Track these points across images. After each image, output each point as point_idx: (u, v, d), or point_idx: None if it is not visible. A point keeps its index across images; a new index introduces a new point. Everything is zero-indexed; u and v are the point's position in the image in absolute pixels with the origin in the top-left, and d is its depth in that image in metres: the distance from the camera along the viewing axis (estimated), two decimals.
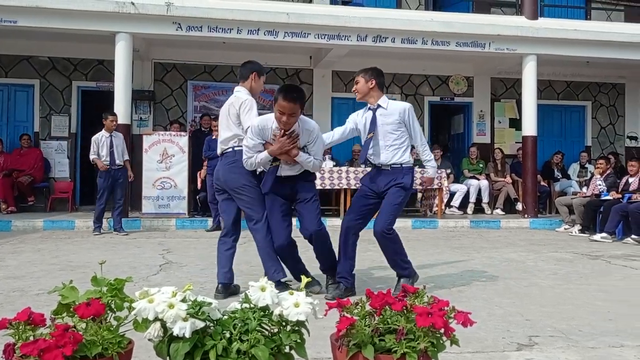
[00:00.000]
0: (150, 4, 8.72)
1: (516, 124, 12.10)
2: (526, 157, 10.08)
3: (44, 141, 10.71)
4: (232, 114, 4.07)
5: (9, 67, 10.67)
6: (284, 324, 1.79)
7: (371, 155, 4.08)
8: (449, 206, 10.58)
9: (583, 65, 11.86)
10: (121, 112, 8.47)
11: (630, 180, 8.45)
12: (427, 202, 10.10)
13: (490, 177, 11.15)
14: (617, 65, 11.64)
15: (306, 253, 4.18)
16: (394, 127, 4.02)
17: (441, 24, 9.69)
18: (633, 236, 7.54)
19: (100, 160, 7.74)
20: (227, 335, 1.73)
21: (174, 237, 7.55)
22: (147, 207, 8.85)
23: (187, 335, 1.69)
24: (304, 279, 2.05)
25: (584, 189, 9.60)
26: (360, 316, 1.82)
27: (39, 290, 4.02)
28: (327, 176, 9.05)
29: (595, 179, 8.96)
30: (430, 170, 4.29)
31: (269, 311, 1.82)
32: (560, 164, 11.73)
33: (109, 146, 7.75)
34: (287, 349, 1.79)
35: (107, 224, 7.85)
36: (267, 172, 3.94)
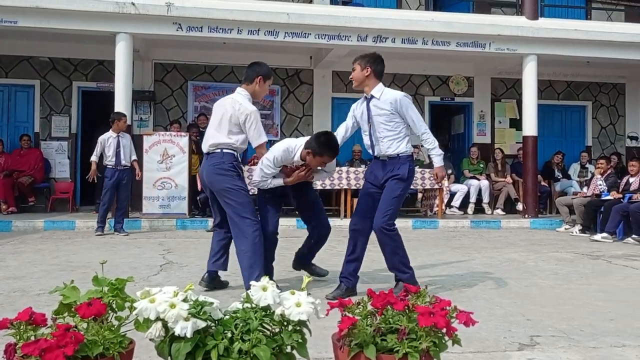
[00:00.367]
0: (151, 4, 8.73)
1: (516, 124, 12.09)
2: (526, 157, 10.08)
3: (45, 141, 10.72)
4: (233, 122, 3.91)
5: (9, 67, 10.68)
6: (285, 323, 1.79)
7: (370, 146, 3.98)
8: (449, 206, 10.58)
9: (583, 65, 11.87)
10: None
11: (631, 180, 8.45)
12: (428, 202, 10.09)
13: (490, 177, 11.14)
14: (617, 65, 11.64)
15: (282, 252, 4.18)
16: (387, 117, 3.85)
17: (441, 24, 9.69)
18: (634, 236, 7.54)
19: (95, 163, 7.75)
20: (229, 335, 1.73)
21: (174, 237, 7.55)
22: (147, 207, 8.85)
23: (189, 335, 1.69)
24: (305, 279, 2.05)
25: (585, 189, 9.60)
26: (362, 316, 1.82)
27: (40, 290, 4.01)
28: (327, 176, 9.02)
29: (595, 179, 8.96)
30: (435, 159, 4.00)
31: (271, 311, 1.81)
32: (561, 164, 11.73)
33: (116, 146, 7.75)
34: (288, 349, 1.78)
35: (107, 224, 7.85)
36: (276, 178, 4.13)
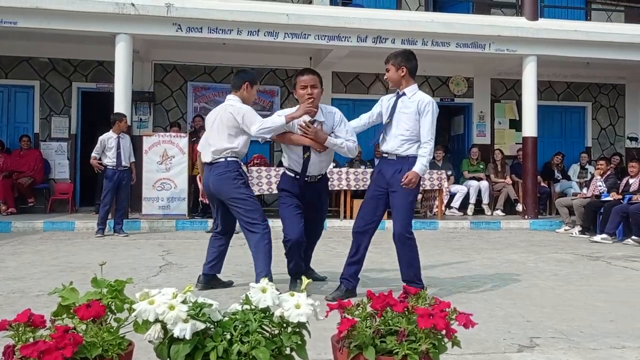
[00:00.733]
0: (150, 5, 8.72)
1: (516, 125, 12.08)
2: (526, 158, 10.08)
3: (44, 142, 10.70)
4: (232, 126, 4.00)
5: (9, 68, 10.67)
6: (284, 325, 1.79)
7: (382, 141, 3.97)
8: (449, 207, 10.57)
9: (583, 66, 11.87)
10: None
11: (631, 181, 8.45)
12: (427, 203, 10.09)
13: (490, 178, 11.14)
14: (617, 66, 11.65)
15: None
16: (410, 117, 3.85)
17: (441, 25, 9.69)
18: (633, 237, 7.54)
19: (96, 161, 7.74)
20: (228, 336, 1.73)
21: (174, 238, 7.54)
22: (147, 208, 8.84)
23: (188, 336, 1.69)
24: (304, 281, 2.04)
25: (584, 190, 9.60)
26: (361, 317, 1.82)
27: (39, 291, 4.01)
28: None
29: (595, 180, 8.96)
30: (418, 165, 3.77)
31: (270, 312, 1.81)
32: (561, 165, 11.72)
33: (117, 147, 7.74)
34: (287, 351, 1.78)
35: (107, 225, 7.84)
36: (304, 163, 3.98)
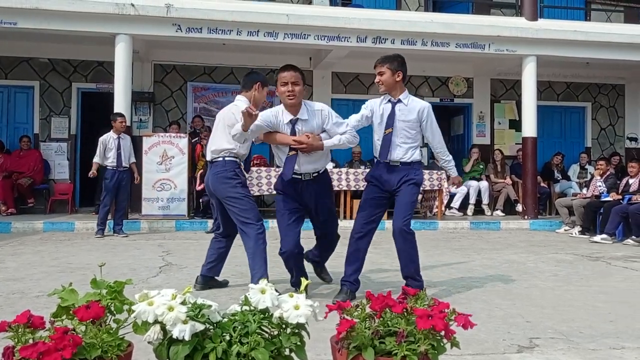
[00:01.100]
0: (150, 5, 8.73)
1: (516, 125, 12.09)
2: (526, 158, 10.08)
3: (44, 143, 10.71)
4: (232, 125, 3.94)
5: (8, 68, 10.67)
6: (284, 326, 1.79)
7: (382, 150, 3.85)
8: (448, 207, 10.57)
9: (583, 67, 11.88)
10: None
11: (631, 181, 8.46)
12: (427, 204, 10.09)
13: (490, 178, 11.14)
14: (617, 66, 11.65)
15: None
16: (411, 125, 3.82)
17: (441, 25, 9.70)
18: (633, 237, 7.54)
19: (95, 164, 7.74)
20: (227, 337, 1.73)
21: (173, 238, 7.54)
22: (146, 208, 8.84)
23: (187, 338, 1.69)
24: (304, 281, 2.05)
25: (584, 190, 9.60)
26: (360, 318, 1.82)
27: (39, 292, 4.01)
28: None
29: (595, 180, 8.97)
30: (453, 171, 4.29)
31: (269, 314, 1.81)
32: (560, 165, 11.73)
33: (117, 148, 7.72)
34: (287, 352, 1.78)
35: (107, 225, 7.84)
36: (286, 161, 3.75)
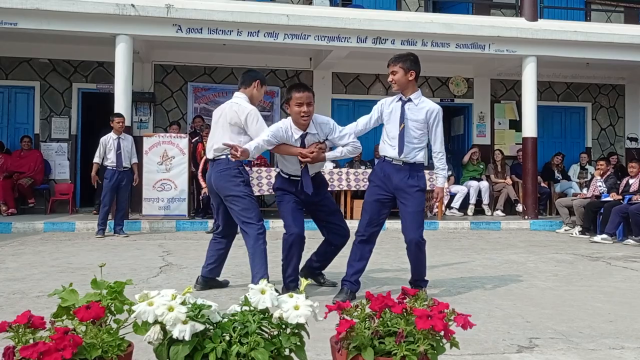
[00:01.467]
0: (151, 6, 8.73)
1: (516, 125, 12.09)
2: (526, 159, 10.08)
3: (45, 143, 10.71)
4: (234, 123, 3.98)
5: (9, 69, 10.68)
6: (283, 326, 1.80)
7: (386, 146, 3.86)
8: (449, 208, 10.58)
9: (583, 67, 11.88)
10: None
11: (631, 181, 8.46)
12: (428, 204, 10.08)
13: (490, 178, 11.15)
14: (617, 66, 11.66)
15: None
16: (418, 125, 3.80)
17: (441, 26, 9.70)
18: (633, 237, 7.54)
19: (97, 165, 7.74)
20: (227, 338, 1.74)
21: (174, 238, 7.54)
22: (147, 208, 8.85)
23: (187, 338, 1.69)
24: (303, 282, 2.05)
25: (584, 190, 9.61)
26: (360, 319, 1.82)
27: (39, 292, 4.01)
28: (327, 178, 9.02)
29: (595, 180, 8.97)
30: (440, 179, 3.99)
31: (269, 314, 1.82)
32: (561, 165, 11.73)
33: (117, 148, 7.72)
34: (286, 352, 1.79)
35: (107, 226, 7.84)
36: (302, 176, 3.90)
